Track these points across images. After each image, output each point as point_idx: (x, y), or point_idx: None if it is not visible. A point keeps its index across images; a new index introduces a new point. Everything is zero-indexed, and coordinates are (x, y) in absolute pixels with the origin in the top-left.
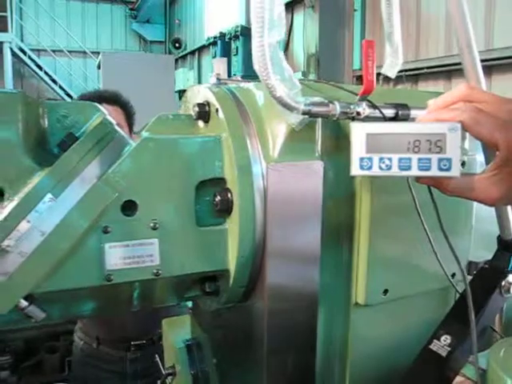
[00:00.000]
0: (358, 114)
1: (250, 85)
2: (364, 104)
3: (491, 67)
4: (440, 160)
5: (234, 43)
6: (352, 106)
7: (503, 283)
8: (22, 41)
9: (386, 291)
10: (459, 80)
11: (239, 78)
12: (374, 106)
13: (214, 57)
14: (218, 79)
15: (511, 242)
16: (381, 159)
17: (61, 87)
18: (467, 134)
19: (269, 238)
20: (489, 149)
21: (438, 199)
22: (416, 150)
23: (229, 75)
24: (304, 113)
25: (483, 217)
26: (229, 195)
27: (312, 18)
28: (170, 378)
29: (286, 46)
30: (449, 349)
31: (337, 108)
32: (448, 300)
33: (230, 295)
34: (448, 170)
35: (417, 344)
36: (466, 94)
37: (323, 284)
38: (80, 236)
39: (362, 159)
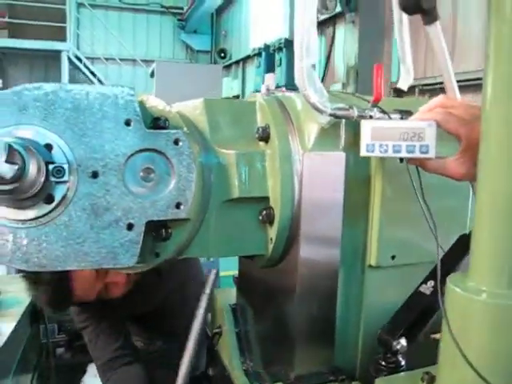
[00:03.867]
0: (371, 116)
1: (292, 94)
2: (375, 109)
3: None
4: (421, 146)
5: (278, 55)
6: (366, 111)
7: None
8: (78, 49)
9: (393, 257)
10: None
11: (283, 89)
12: (383, 112)
13: (259, 67)
14: (268, 89)
15: None
16: (380, 145)
17: None
18: None
19: (303, 210)
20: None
21: (442, 186)
22: (405, 138)
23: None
24: (331, 115)
25: None
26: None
27: (352, 32)
28: (217, 336)
29: (328, 59)
30: (432, 289)
31: (355, 112)
32: None
33: (272, 252)
34: (426, 152)
35: None
36: (442, 102)
37: (343, 250)
38: None
39: (367, 145)
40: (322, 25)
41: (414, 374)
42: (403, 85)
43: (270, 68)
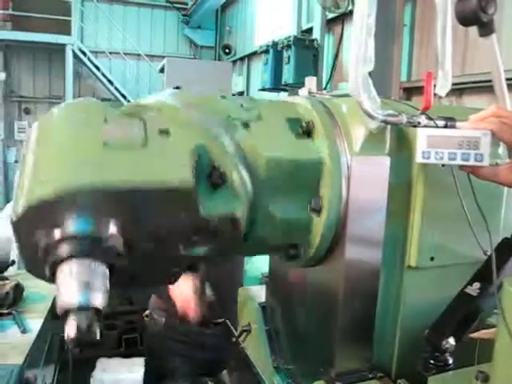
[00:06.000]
0: (419, 123)
1: (336, 98)
2: (423, 116)
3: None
4: (476, 154)
5: (286, 52)
6: (415, 118)
7: None
8: (82, 42)
9: (432, 258)
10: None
11: (324, 92)
12: (429, 118)
13: (266, 64)
14: (310, 92)
15: None
16: (436, 152)
17: (116, 88)
18: (501, 144)
19: (349, 212)
20: (509, 149)
21: (477, 192)
22: (460, 147)
23: (280, 83)
24: (382, 121)
25: None
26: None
27: None
28: (244, 334)
29: (336, 57)
30: (478, 291)
31: (404, 118)
32: None
33: (316, 251)
34: (481, 161)
35: None
36: (495, 112)
37: (384, 251)
38: None
39: (423, 152)
40: (330, 23)
41: (467, 372)
42: (441, 91)
43: (277, 65)
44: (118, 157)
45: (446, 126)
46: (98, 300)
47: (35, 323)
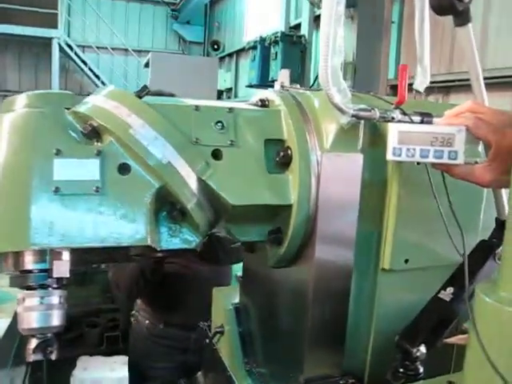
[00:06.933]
0: (393, 118)
1: (308, 92)
2: (397, 111)
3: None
4: (450, 152)
5: (274, 48)
6: (388, 113)
7: (497, 252)
8: (68, 36)
9: (406, 260)
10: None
11: (298, 86)
12: (404, 113)
13: (253, 60)
14: (282, 86)
15: (505, 221)
16: (408, 149)
17: (103, 83)
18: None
19: (319, 211)
20: (485, 147)
21: (455, 191)
22: (433, 143)
23: (267, 79)
24: (353, 116)
25: None
26: (289, 152)
27: (350, 28)
28: (217, 336)
29: None
30: (452, 296)
31: (377, 113)
32: None
33: (286, 251)
34: (455, 158)
35: None
36: (471, 107)
37: (357, 252)
38: None
39: (394, 148)
40: (318, 19)
41: (436, 381)
42: (420, 86)
43: (265, 62)
44: (72, 207)
45: (422, 122)
46: (56, 320)
47: (2, 323)
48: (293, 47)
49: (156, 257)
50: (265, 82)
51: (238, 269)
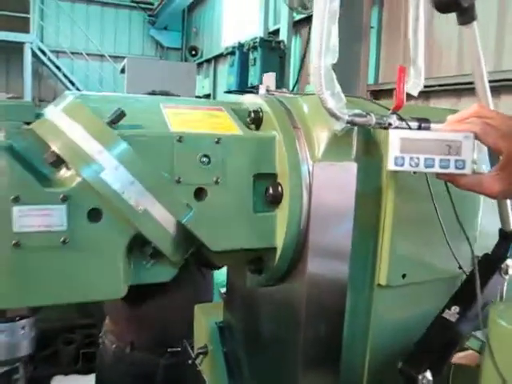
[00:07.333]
0: (390, 124)
1: (297, 96)
2: (394, 117)
3: (500, 87)
4: (456, 161)
5: (252, 54)
6: (385, 118)
7: (503, 266)
8: (41, 41)
9: (404, 275)
10: (469, 99)
11: (285, 90)
12: (401, 119)
13: (232, 66)
14: (267, 91)
15: (510, 233)
16: (411, 158)
17: (78, 89)
18: (476, 147)
19: (311, 225)
20: (494, 154)
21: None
22: (438, 152)
23: (246, 85)
24: (348, 122)
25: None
26: (279, 189)
27: None
28: (201, 357)
29: (303, 59)
30: (457, 316)
31: (373, 119)
32: (457, 287)
33: (272, 275)
34: (462, 168)
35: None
36: (477, 111)
37: (352, 268)
38: None
39: (396, 157)
40: (297, 24)
41: None
42: (413, 90)
43: (243, 67)
44: (35, 265)
45: (419, 128)
46: (23, 351)
47: None
48: (272, 53)
49: None
50: (243, 87)
51: (221, 284)
